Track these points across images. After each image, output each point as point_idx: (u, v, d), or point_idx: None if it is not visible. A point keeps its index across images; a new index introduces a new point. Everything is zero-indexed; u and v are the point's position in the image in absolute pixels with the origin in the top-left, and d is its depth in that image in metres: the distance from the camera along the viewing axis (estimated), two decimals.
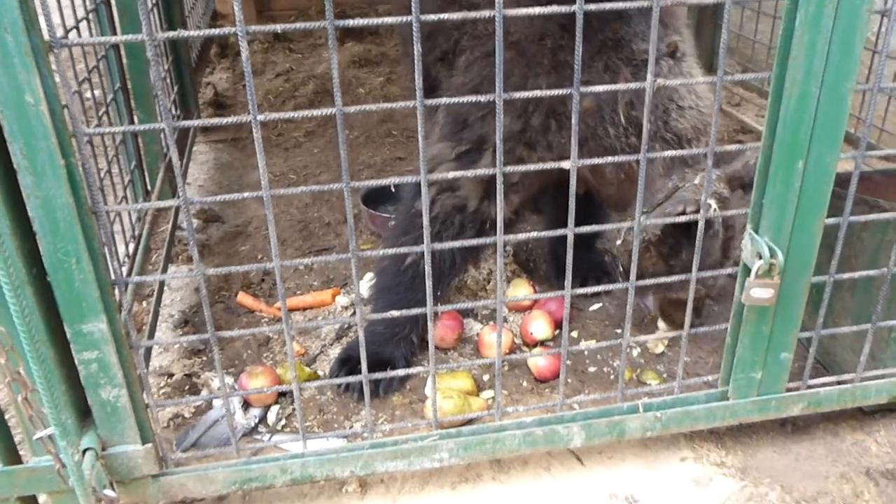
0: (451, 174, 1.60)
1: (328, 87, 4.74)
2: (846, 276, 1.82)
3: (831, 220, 1.68)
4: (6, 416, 1.66)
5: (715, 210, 1.87)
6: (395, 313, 1.76)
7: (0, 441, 1.61)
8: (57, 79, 1.29)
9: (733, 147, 1.70)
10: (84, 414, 1.59)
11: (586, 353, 2.43)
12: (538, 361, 2.29)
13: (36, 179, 1.32)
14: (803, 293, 1.74)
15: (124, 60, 2.91)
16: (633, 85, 1.54)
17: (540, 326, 2.43)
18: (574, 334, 2.53)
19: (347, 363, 2.30)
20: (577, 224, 1.62)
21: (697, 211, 1.84)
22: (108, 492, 1.57)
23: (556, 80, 2.03)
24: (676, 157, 1.98)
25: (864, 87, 1.66)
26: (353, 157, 3.90)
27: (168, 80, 3.65)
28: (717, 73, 1.51)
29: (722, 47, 1.50)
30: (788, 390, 1.90)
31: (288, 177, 3.75)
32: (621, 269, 2.86)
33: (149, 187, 3.04)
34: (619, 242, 2.14)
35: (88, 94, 2.52)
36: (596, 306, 2.68)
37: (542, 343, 2.44)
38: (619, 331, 2.53)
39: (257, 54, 5.51)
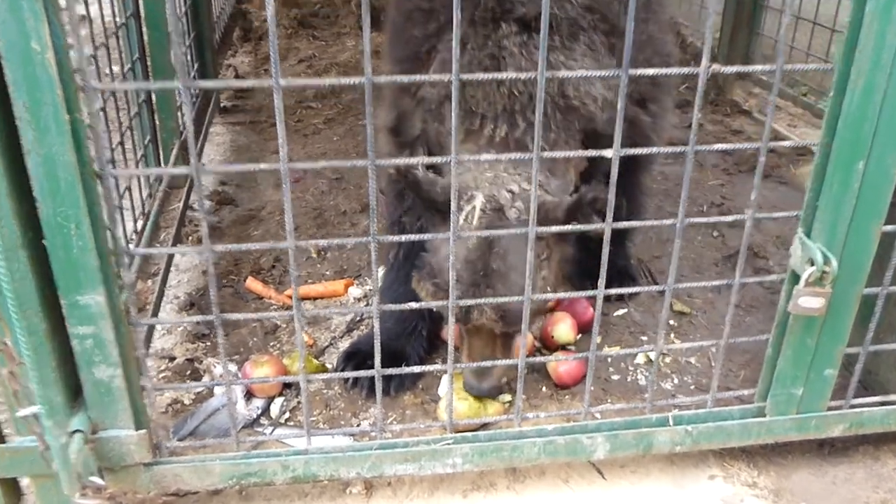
0: (483, 157, 1.49)
1: (351, 76, 4.65)
2: None
3: (889, 228, 1.56)
4: None
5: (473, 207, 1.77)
6: (413, 305, 1.64)
7: None
8: (67, 28, 1.19)
9: (787, 143, 1.58)
10: (75, 393, 1.47)
11: (609, 360, 2.31)
12: (559, 366, 2.17)
13: (38, 135, 1.23)
14: (854, 304, 1.62)
15: (145, 31, 2.82)
16: (685, 70, 1.43)
17: (563, 329, 2.30)
18: (597, 339, 2.41)
19: (354, 357, 2.19)
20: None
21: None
22: (95, 479, 1.47)
23: None
24: None
25: None
26: None
27: (188, 58, 3.56)
28: (777, 65, 1.40)
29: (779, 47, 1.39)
30: (830, 409, 1.78)
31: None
32: (648, 272, 2.75)
33: (163, 164, 2.95)
34: None
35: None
36: (621, 311, 2.55)
37: (564, 347, 2.32)
38: (644, 337, 2.40)
39: (281, 40, 5.42)
